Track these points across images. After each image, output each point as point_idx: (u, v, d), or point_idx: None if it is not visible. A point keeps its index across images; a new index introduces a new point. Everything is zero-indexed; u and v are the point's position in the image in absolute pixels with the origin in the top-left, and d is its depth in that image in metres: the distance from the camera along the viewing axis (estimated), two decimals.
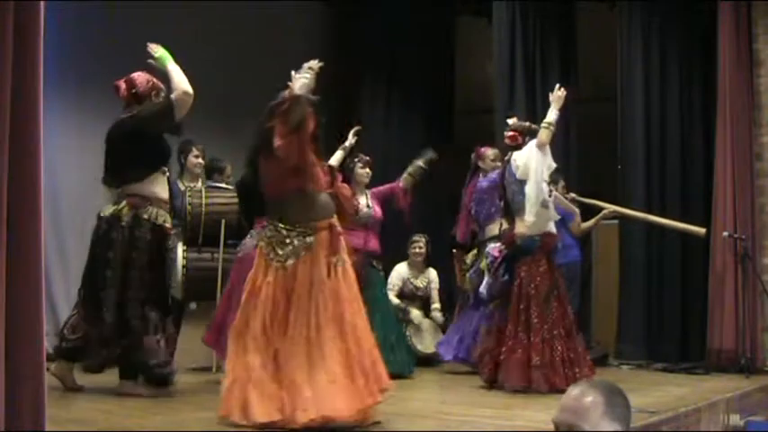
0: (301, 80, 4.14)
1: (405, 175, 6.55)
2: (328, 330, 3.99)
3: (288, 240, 4.06)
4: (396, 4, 9.02)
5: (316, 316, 3.97)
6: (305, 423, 3.76)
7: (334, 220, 4.24)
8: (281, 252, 4.06)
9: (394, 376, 5.76)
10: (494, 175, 6.40)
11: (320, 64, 4.23)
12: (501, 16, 8.28)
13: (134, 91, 4.88)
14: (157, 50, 4.84)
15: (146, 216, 4.72)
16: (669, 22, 7.78)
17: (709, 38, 7.41)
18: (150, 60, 4.87)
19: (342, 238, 4.25)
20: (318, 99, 4.27)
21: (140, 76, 4.92)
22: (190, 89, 4.71)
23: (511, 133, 5.78)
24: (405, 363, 6.23)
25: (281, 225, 4.10)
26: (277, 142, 4.01)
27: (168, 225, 4.83)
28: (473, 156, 6.82)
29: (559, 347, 5.26)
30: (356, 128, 6.33)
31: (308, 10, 8.92)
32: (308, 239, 4.07)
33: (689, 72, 7.75)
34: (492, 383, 5.41)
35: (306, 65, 4.22)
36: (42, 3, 2.62)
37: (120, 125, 4.84)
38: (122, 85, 4.91)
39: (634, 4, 7.91)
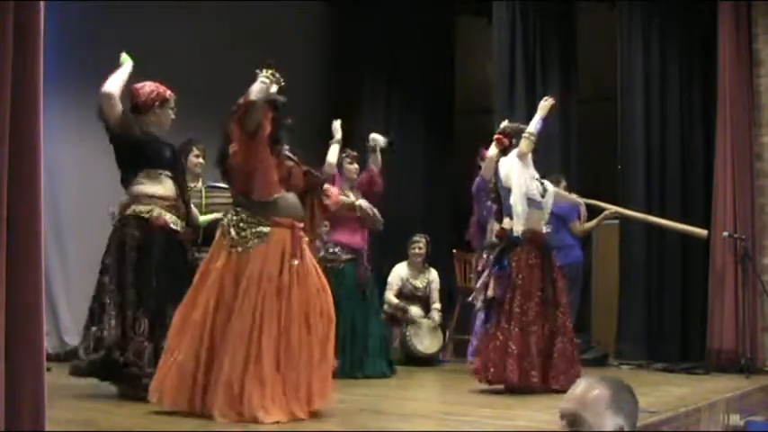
0: (258, 84, 4.16)
1: (375, 156, 6.49)
2: (271, 330, 3.98)
3: (244, 226, 4.09)
4: (396, 4, 9.03)
5: (260, 312, 3.97)
6: (224, 422, 3.82)
7: (298, 222, 4.24)
8: (234, 236, 4.09)
9: (371, 377, 5.85)
10: (478, 179, 6.42)
11: (272, 71, 4.22)
12: (501, 16, 8.29)
13: (136, 102, 4.83)
14: (121, 57, 4.77)
15: (131, 212, 4.63)
16: (669, 22, 7.78)
17: (709, 38, 7.41)
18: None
19: (304, 244, 4.24)
20: (284, 101, 4.29)
21: (144, 87, 4.85)
22: (105, 89, 4.65)
23: (497, 136, 5.77)
24: (383, 365, 6.22)
25: (240, 209, 4.14)
26: (233, 147, 4.10)
27: (157, 218, 4.63)
28: (478, 157, 6.82)
29: (536, 343, 5.23)
30: (338, 120, 6.29)
31: (308, 10, 8.93)
32: (264, 229, 4.08)
33: (689, 72, 7.75)
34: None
35: (263, 72, 4.22)
36: (42, 3, 2.62)
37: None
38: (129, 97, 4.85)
39: (634, 4, 7.92)
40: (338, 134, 6.21)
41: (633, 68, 7.85)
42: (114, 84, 4.69)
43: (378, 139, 6.53)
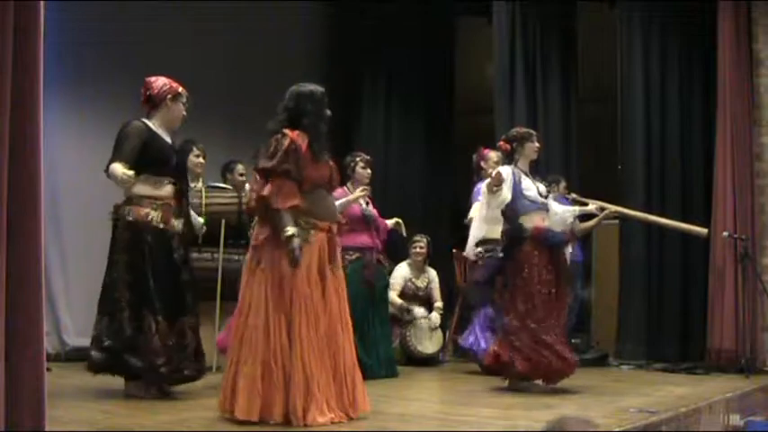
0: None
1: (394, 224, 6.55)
2: (334, 335, 4.02)
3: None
4: (396, 4, 9.02)
5: (316, 317, 3.97)
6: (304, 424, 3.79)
7: (335, 226, 4.22)
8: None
9: (377, 378, 5.83)
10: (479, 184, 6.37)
11: None
12: (501, 16, 8.28)
13: (148, 94, 4.80)
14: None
15: (124, 215, 4.66)
16: (669, 22, 7.77)
17: (710, 38, 7.41)
18: None
19: (338, 246, 4.23)
20: (323, 92, 4.23)
21: (157, 80, 4.82)
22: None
23: (500, 142, 5.77)
24: (390, 366, 6.21)
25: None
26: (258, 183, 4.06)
27: (148, 221, 4.65)
28: (475, 157, 6.78)
29: (545, 338, 5.25)
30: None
31: (308, 10, 8.93)
32: (310, 232, 4.04)
33: (689, 72, 7.74)
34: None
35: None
36: (42, 3, 2.62)
37: None
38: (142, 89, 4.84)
39: (634, 4, 7.91)
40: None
41: (633, 68, 7.84)
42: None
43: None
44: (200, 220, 5.38)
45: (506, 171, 5.46)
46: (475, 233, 5.61)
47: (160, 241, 4.70)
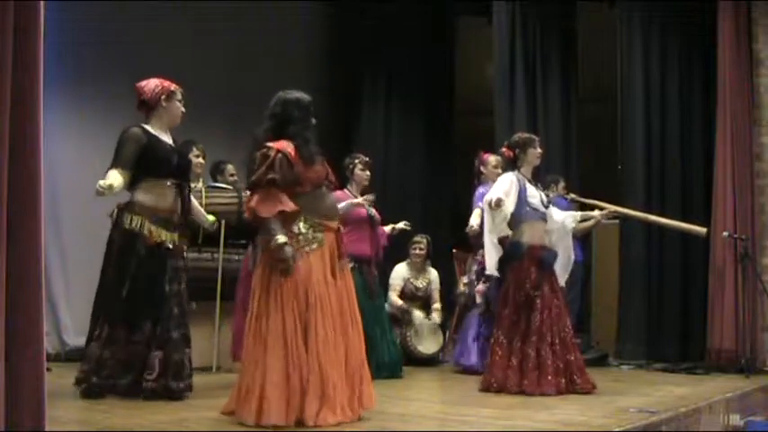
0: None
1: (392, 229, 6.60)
2: (345, 333, 4.01)
3: (298, 232, 4.00)
4: (396, 4, 9.03)
5: (331, 317, 3.97)
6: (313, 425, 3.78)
7: (340, 225, 4.21)
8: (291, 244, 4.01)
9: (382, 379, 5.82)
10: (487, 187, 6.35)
11: None
12: (501, 16, 8.29)
13: (142, 99, 4.76)
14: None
15: (120, 220, 4.63)
16: (669, 22, 7.78)
17: (710, 38, 7.41)
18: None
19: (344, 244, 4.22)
20: (310, 100, 4.21)
21: (148, 83, 4.77)
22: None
23: (503, 149, 5.75)
24: (394, 367, 6.22)
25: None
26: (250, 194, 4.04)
27: (142, 231, 4.58)
28: (476, 161, 6.78)
29: (548, 353, 5.22)
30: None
31: (308, 10, 8.93)
32: (319, 235, 4.03)
33: (689, 72, 7.75)
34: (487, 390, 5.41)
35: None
36: (42, 3, 2.62)
37: None
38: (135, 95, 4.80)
39: (634, 4, 7.92)
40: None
41: (633, 68, 7.85)
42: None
43: None
44: (210, 217, 5.33)
45: (511, 179, 5.44)
46: (491, 248, 5.49)
47: (152, 254, 4.61)
